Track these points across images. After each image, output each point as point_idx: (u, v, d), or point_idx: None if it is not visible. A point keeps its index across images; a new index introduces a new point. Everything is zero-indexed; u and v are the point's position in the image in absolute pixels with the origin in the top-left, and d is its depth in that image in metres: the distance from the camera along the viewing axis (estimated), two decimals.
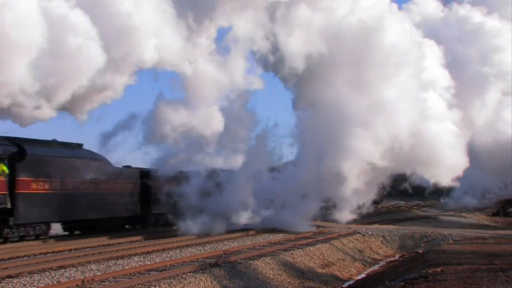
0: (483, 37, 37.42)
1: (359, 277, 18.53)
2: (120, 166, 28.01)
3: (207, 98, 27.43)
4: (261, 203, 26.44)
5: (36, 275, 13.60)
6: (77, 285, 12.34)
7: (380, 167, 25.37)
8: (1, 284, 12.43)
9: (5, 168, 20.36)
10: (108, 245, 20.25)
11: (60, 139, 25.48)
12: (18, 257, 16.88)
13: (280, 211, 26.52)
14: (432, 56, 29.46)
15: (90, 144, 55.66)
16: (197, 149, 27.33)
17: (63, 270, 14.35)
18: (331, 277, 17.48)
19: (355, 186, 25.27)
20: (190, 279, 13.22)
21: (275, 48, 26.28)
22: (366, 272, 19.56)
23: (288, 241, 21.70)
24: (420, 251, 21.76)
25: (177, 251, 18.62)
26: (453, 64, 31.82)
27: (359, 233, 25.54)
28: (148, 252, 18.01)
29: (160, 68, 24.10)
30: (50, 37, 17.05)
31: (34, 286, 12.41)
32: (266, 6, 25.06)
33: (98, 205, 24.96)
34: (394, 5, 28.89)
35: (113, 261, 16.01)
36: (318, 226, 28.20)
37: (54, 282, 12.69)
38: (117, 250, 18.14)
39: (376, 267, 20.79)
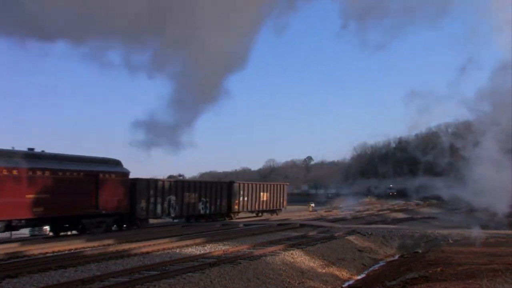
0: None
1: (359, 277, 18.54)
2: None
3: None
4: None
5: (36, 275, 13.61)
6: (77, 285, 12.35)
7: None
8: (1, 284, 12.44)
9: None
10: (108, 245, 20.25)
11: None
12: (17, 257, 16.89)
13: None
14: None
15: None
16: None
17: (63, 270, 14.36)
18: (331, 276, 17.48)
19: None
20: (190, 279, 13.24)
21: None
22: (366, 272, 19.57)
23: (288, 240, 21.71)
24: (420, 251, 21.77)
25: (177, 251, 18.62)
26: None
27: (358, 233, 25.54)
28: (148, 252, 18.02)
29: None
30: None
31: (34, 286, 12.42)
32: None
33: None
34: None
35: (113, 261, 16.02)
36: (318, 226, 28.21)
37: (54, 282, 12.70)
38: (117, 250, 18.14)
39: (376, 267, 20.80)
